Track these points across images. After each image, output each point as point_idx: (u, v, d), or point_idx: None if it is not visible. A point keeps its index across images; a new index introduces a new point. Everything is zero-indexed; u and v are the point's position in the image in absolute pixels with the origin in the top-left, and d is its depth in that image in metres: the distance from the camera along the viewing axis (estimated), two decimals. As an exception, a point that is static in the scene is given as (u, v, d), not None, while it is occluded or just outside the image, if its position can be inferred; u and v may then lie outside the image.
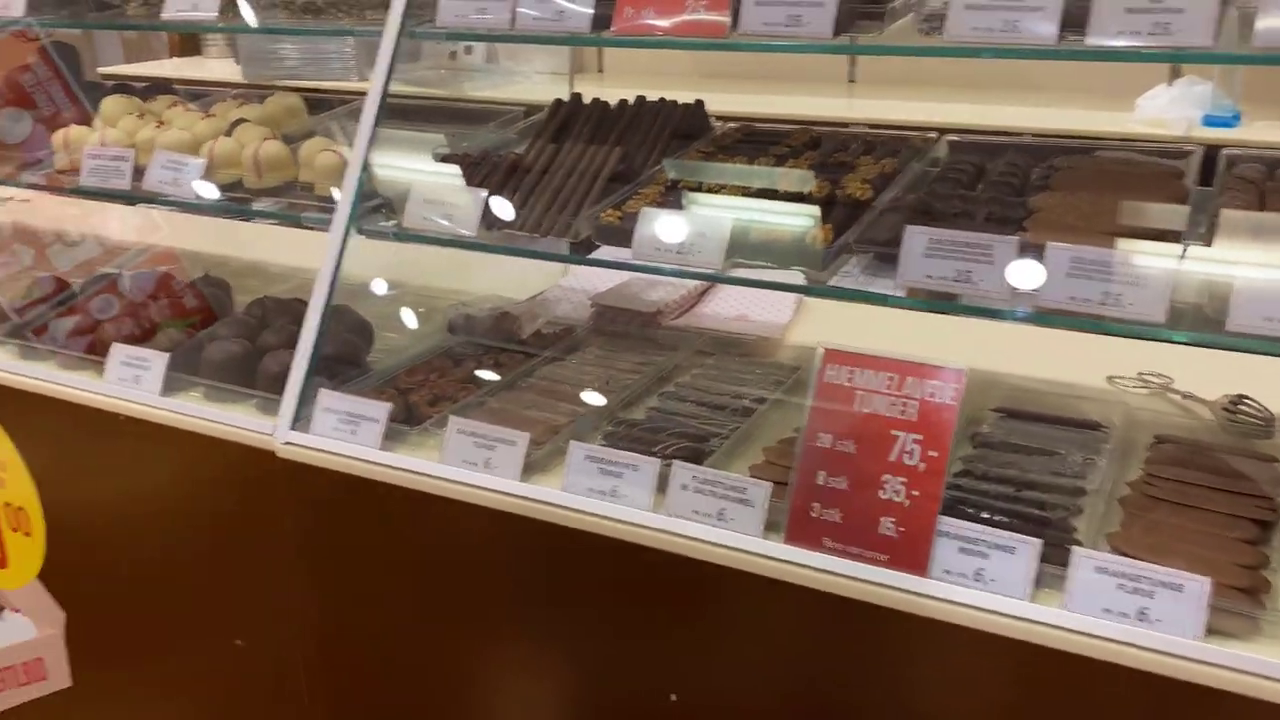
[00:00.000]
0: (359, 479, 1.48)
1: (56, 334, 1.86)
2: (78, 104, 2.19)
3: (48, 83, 2.24)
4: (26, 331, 1.89)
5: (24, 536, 1.88)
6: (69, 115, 2.15)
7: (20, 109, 2.17)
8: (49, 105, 2.21)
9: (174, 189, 1.76)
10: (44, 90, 2.24)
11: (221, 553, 1.68)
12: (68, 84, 2.24)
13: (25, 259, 2.42)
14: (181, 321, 1.88)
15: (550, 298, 2.06)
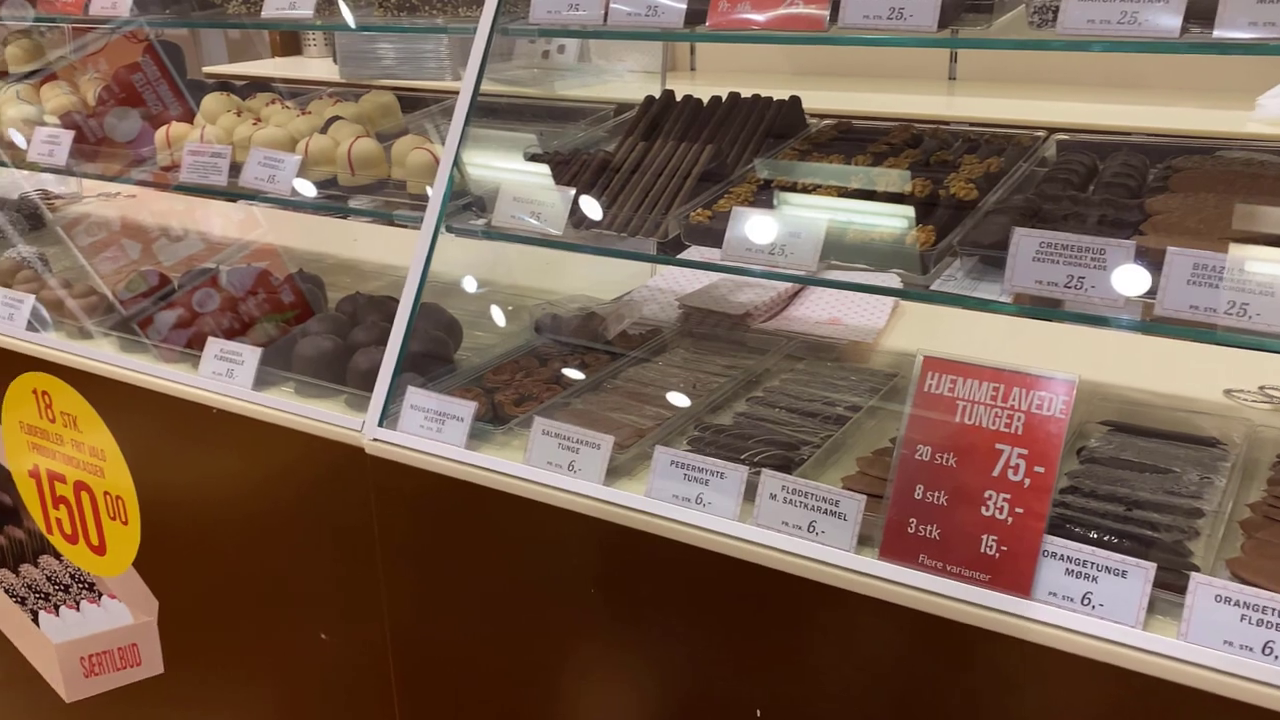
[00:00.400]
0: (443, 477, 1.47)
1: (160, 327, 1.90)
2: (183, 102, 2.24)
3: (155, 82, 2.30)
4: (132, 324, 1.94)
5: (121, 525, 1.93)
6: (175, 113, 2.20)
7: (129, 107, 2.22)
8: (156, 104, 2.27)
9: (269, 185, 1.78)
10: (152, 89, 2.29)
11: (308, 546, 1.69)
12: (174, 83, 2.29)
13: (132, 253, 2.49)
14: (279, 316, 1.91)
15: (637, 298, 2.04)
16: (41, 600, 2.14)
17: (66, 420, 1.93)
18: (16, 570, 2.16)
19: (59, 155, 2.06)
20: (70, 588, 2.08)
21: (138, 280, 2.05)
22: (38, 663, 2.21)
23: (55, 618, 2.12)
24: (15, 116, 2.22)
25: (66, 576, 2.07)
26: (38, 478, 2.04)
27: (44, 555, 2.10)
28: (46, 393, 1.94)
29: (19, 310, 1.98)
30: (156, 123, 2.13)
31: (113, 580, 2.00)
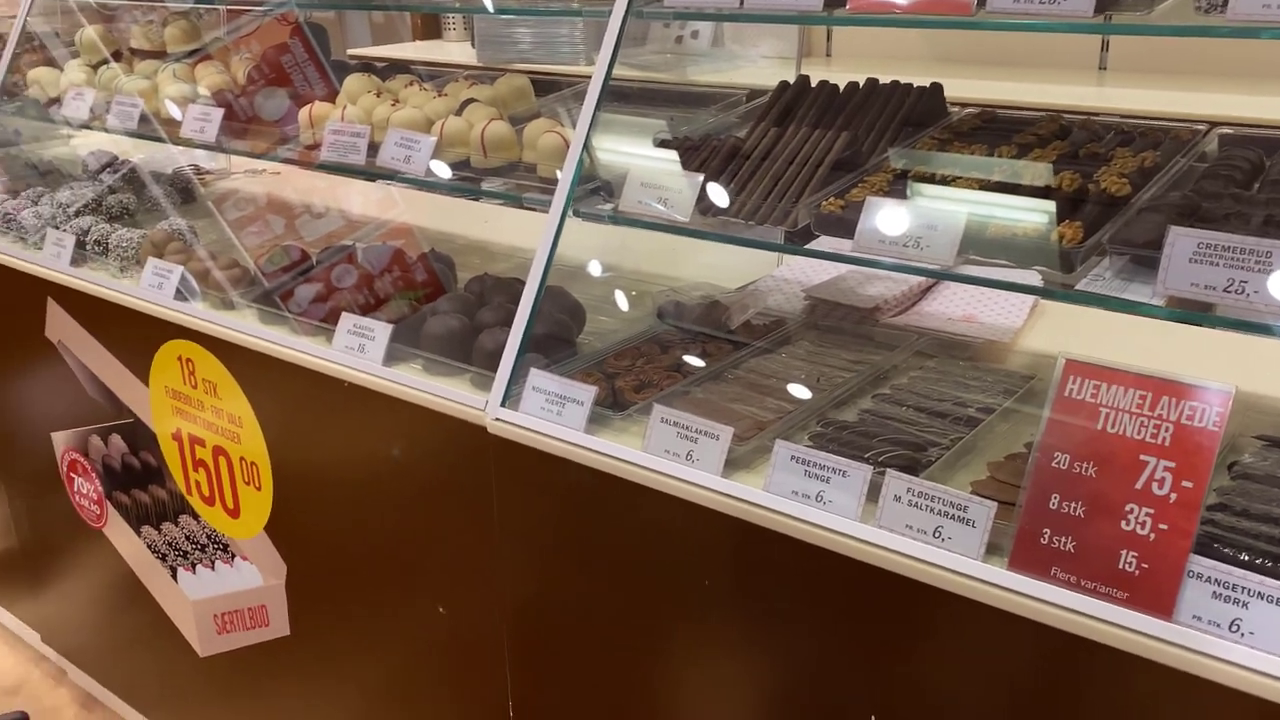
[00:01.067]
0: (562, 460, 1.48)
1: (298, 300, 1.97)
2: (327, 82, 2.31)
3: (303, 63, 2.38)
4: (272, 297, 2.01)
5: (255, 490, 2.00)
6: (319, 94, 2.27)
7: (276, 87, 2.30)
8: (303, 84, 2.34)
9: (405, 166, 1.81)
10: (300, 70, 2.37)
11: (430, 521, 1.73)
12: (320, 64, 2.36)
13: (275, 228, 2.58)
14: (410, 294, 1.95)
15: (762, 288, 2.00)
16: (180, 557, 2.25)
17: (208, 387, 2.01)
18: (159, 528, 2.27)
19: (209, 132, 2.15)
20: (206, 547, 2.17)
21: (279, 254, 2.13)
22: (175, 617, 2.33)
23: (192, 575, 2.23)
24: (172, 94, 2.32)
25: (203, 536, 2.17)
26: (180, 441, 2.13)
27: (183, 515, 2.20)
28: (190, 360, 2.03)
29: (168, 280, 2.07)
30: (302, 102, 2.20)
31: (245, 543, 2.08)
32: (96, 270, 2.24)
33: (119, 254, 2.22)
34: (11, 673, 2.89)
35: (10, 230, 2.45)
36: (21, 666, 2.92)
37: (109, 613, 2.57)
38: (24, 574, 2.83)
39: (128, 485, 2.31)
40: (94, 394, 2.31)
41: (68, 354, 2.32)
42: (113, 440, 2.32)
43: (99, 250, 2.26)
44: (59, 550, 2.64)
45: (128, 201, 2.53)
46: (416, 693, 1.88)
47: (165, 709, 2.53)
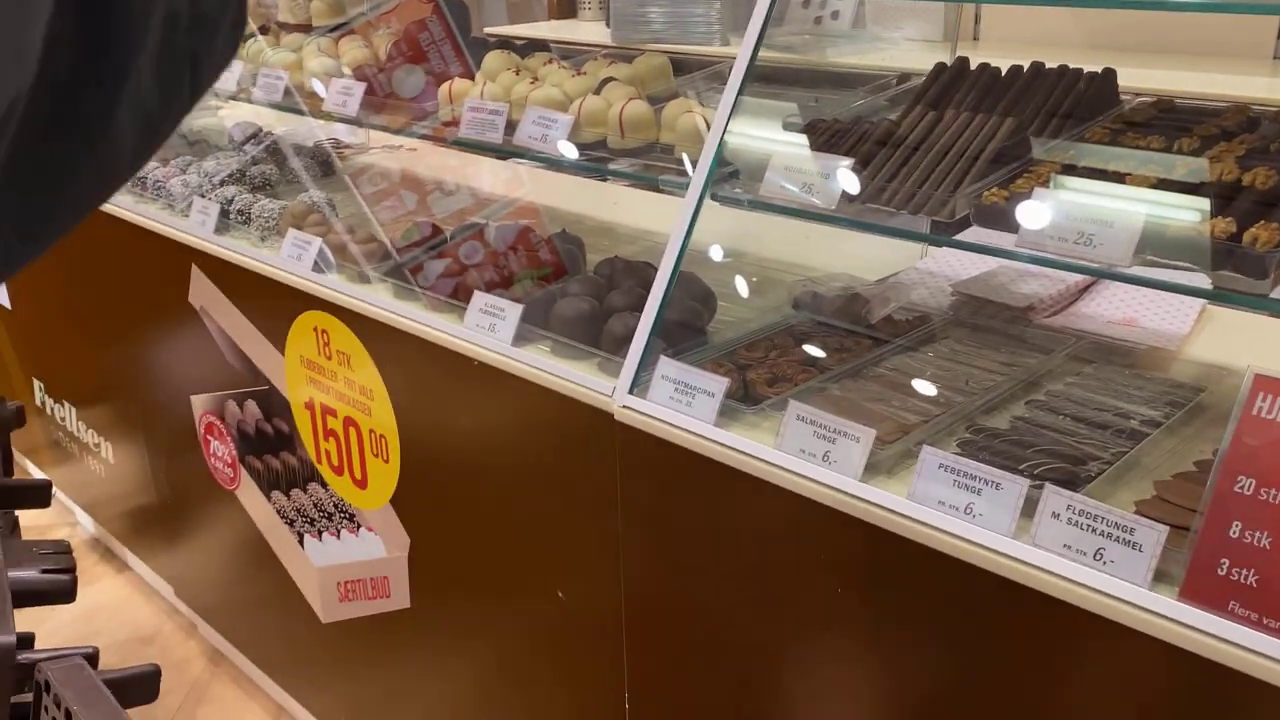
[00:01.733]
0: (690, 452, 1.43)
1: (429, 276, 1.97)
2: (463, 61, 2.30)
3: (440, 41, 2.38)
4: (404, 271, 2.01)
5: (383, 463, 2.02)
6: (456, 71, 2.26)
7: (415, 64, 2.31)
8: (439, 62, 2.34)
9: (541, 145, 1.79)
10: (436, 48, 2.37)
11: (552, 504, 1.71)
12: (457, 42, 2.36)
13: (409, 204, 2.61)
14: (536, 273, 1.93)
15: (905, 281, 1.91)
16: (307, 524, 2.29)
17: (341, 359, 2.04)
18: (288, 494, 2.32)
19: (351, 106, 2.16)
20: (333, 516, 2.21)
21: (412, 230, 2.13)
22: (300, 582, 2.38)
23: (318, 542, 2.27)
24: (315, 68, 2.35)
25: (331, 505, 2.21)
26: (312, 410, 2.17)
27: (312, 483, 2.24)
28: (325, 331, 2.06)
29: (307, 251, 2.10)
30: (439, 79, 2.20)
31: (371, 514, 2.10)
32: (238, 239, 2.29)
33: (260, 224, 2.26)
34: (147, 623, 3.02)
35: (159, 197, 2.54)
36: (156, 618, 3.04)
37: (238, 572, 2.65)
38: (161, 529, 2.94)
39: (260, 450, 2.37)
40: (232, 360, 2.37)
41: (209, 320, 2.38)
42: (248, 406, 2.37)
43: (241, 220, 2.31)
44: (194, 509, 2.74)
45: (270, 173, 2.58)
46: (532, 675, 1.87)
47: (287, 670, 2.60)
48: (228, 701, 2.70)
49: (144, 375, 2.73)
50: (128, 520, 3.17)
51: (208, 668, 2.83)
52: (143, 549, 3.14)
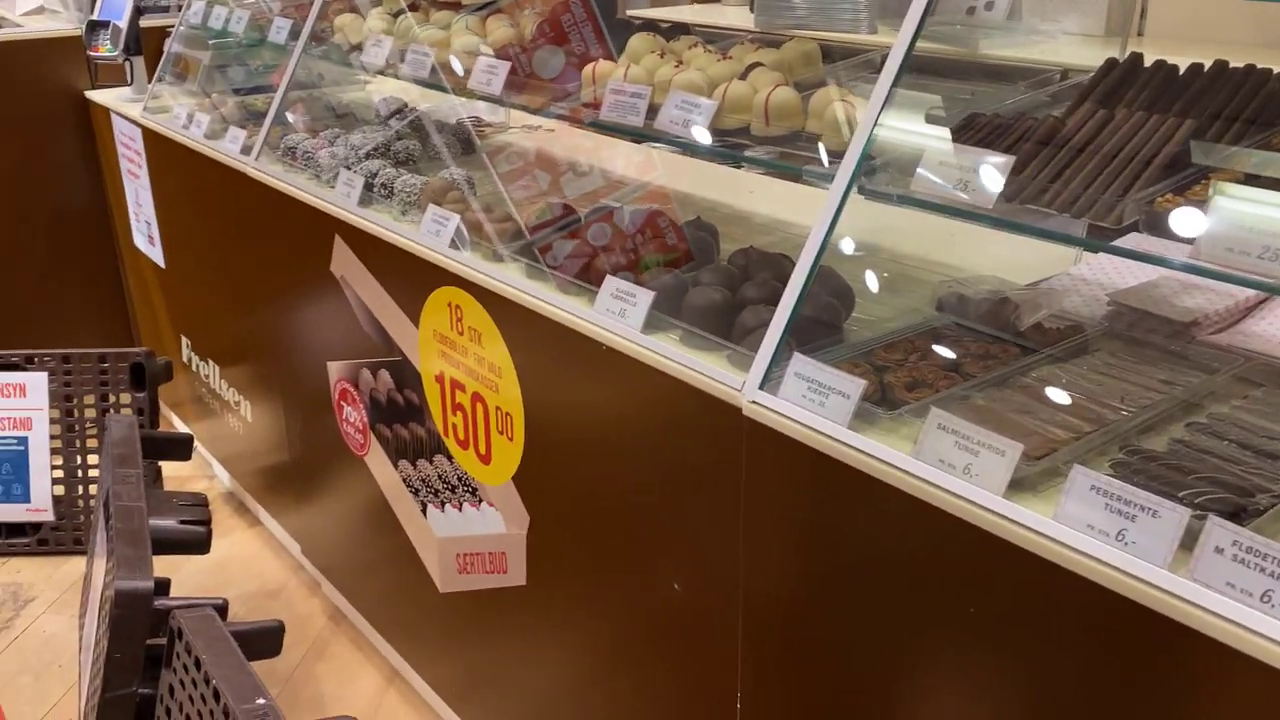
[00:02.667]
0: (820, 454, 1.39)
1: (560, 257, 1.97)
2: (604, 44, 2.29)
3: (582, 23, 2.38)
4: (534, 250, 2.02)
5: (507, 440, 2.03)
6: (597, 54, 2.25)
7: (557, 45, 2.31)
8: (580, 44, 2.34)
9: (683, 130, 1.76)
10: (578, 30, 2.37)
11: (673, 494, 1.68)
12: (599, 25, 2.35)
13: (542, 183, 2.62)
14: (663, 258, 1.91)
15: (1056, 287, 1.82)
16: (431, 495, 2.33)
17: (473, 335, 2.06)
18: (415, 464, 2.37)
19: (495, 85, 2.18)
20: (456, 489, 2.24)
21: (545, 210, 2.14)
22: (421, 550, 2.43)
23: (440, 513, 2.31)
24: (460, 46, 2.38)
25: (454, 478, 2.24)
26: (442, 383, 2.20)
27: (438, 455, 2.28)
28: (459, 307, 2.08)
29: (445, 227, 2.13)
30: (581, 61, 2.20)
31: (493, 489, 2.12)
32: (380, 212, 2.34)
33: (402, 198, 2.30)
34: (274, 577, 3.14)
35: (308, 167, 2.61)
36: (283, 573, 3.16)
37: (362, 535, 2.72)
38: (292, 487, 3.05)
39: (391, 420, 2.42)
40: (368, 329, 2.42)
41: (348, 289, 2.44)
42: (381, 375, 2.43)
43: (384, 193, 2.35)
44: (324, 470, 2.82)
45: (413, 148, 2.63)
46: (644, 663, 1.86)
47: (403, 635, 2.66)
48: (345, 660, 2.78)
49: (284, 339, 2.83)
50: (261, 477, 3.30)
51: (328, 625, 2.92)
52: (274, 505, 3.26)
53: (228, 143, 2.88)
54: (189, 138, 3.06)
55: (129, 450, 2.67)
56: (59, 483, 3.23)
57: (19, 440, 3.17)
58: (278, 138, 2.77)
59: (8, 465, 3.18)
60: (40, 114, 3.79)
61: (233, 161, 2.82)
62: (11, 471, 3.18)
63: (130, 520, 2.38)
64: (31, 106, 3.77)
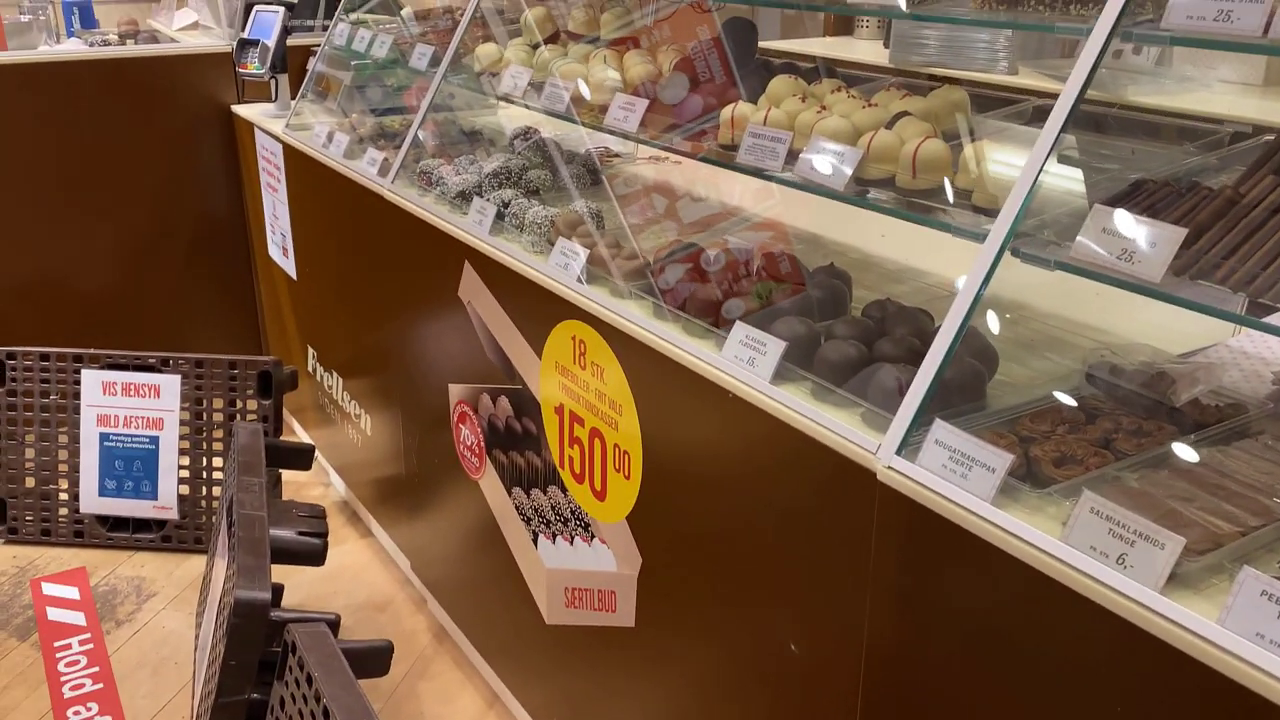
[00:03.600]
0: (960, 529, 1.33)
1: (688, 298, 1.96)
2: (730, 76, 2.27)
3: (708, 52, 2.36)
4: (658, 289, 2.00)
5: (624, 479, 2.02)
6: (719, 84, 2.23)
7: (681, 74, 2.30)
8: (705, 73, 2.32)
9: (826, 179, 1.72)
10: (704, 59, 2.35)
11: (796, 554, 1.64)
12: (725, 57, 2.33)
13: (659, 208, 2.61)
14: (771, 286, 1.88)
15: (1214, 359, 1.71)
16: (543, 525, 2.33)
17: (595, 370, 2.05)
18: (529, 492, 2.37)
19: (631, 122, 2.17)
20: (569, 522, 2.23)
21: (677, 250, 2.12)
22: (529, 578, 2.43)
23: (551, 545, 2.30)
24: (598, 81, 2.38)
25: (568, 510, 2.23)
26: (561, 416, 2.20)
27: (553, 486, 2.28)
28: (583, 341, 2.08)
29: (574, 261, 2.13)
30: (704, 92, 2.17)
31: (606, 526, 2.11)
32: (510, 241, 2.36)
33: (533, 229, 2.32)
34: (382, 591, 3.19)
35: (440, 192, 2.65)
36: (391, 586, 3.21)
37: (471, 557, 2.74)
38: (406, 502, 3.10)
39: (507, 446, 2.43)
40: (491, 355, 2.44)
41: (474, 315, 2.47)
42: (500, 401, 2.44)
43: (515, 223, 2.37)
44: (438, 489, 2.86)
45: (544, 178, 2.65)
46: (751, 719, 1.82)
47: (506, 660, 2.66)
48: (447, 680, 2.80)
49: (408, 356, 2.88)
50: (376, 489, 3.36)
51: (432, 643, 2.95)
52: (386, 519, 3.32)
53: (365, 164, 2.95)
54: (328, 156, 3.15)
55: (254, 458, 2.75)
56: (184, 482, 3.35)
57: (151, 440, 3.30)
58: (413, 160, 2.82)
59: (139, 463, 3.31)
60: (189, 125, 3.96)
61: (369, 183, 2.88)
62: (142, 469, 3.31)
63: (252, 529, 2.44)
64: (181, 118, 3.95)
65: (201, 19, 4.52)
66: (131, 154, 3.89)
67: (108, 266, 3.93)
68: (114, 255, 3.93)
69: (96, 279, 3.91)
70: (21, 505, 3.40)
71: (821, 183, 1.71)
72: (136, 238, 3.96)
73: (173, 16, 4.60)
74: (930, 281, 2.17)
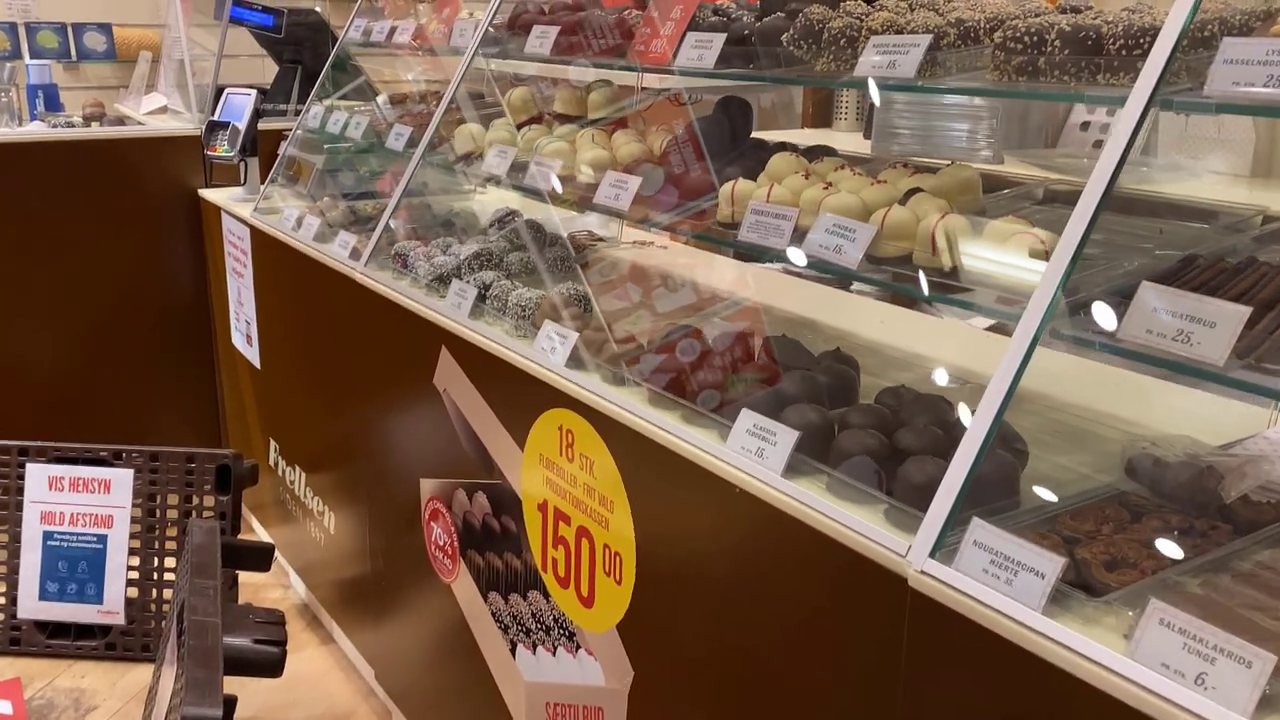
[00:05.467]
0: (1007, 642, 1.18)
1: (644, 368, 1.84)
2: (702, 163, 2.18)
3: (683, 144, 2.28)
4: (653, 373, 1.87)
5: (614, 584, 1.85)
6: (694, 176, 2.14)
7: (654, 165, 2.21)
8: (680, 164, 2.23)
9: (834, 255, 1.61)
10: (679, 150, 2.27)
11: (810, 667, 1.48)
12: (699, 147, 2.24)
13: (634, 297, 2.50)
14: (750, 378, 1.76)
15: (1255, 451, 1.59)
16: (522, 634, 2.14)
17: (584, 463, 1.90)
18: (507, 598, 2.19)
19: (623, 200, 2.07)
20: (551, 630, 2.05)
21: (672, 334, 1.99)
22: (506, 693, 2.23)
23: (531, 656, 2.11)
24: (588, 160, 2.29)
25: (550, 618, 2.05)
26: (545, 513, 2.04)
27: (533, 591, 2.10)
28: (570, 431, 1.93)
29: (561, 346, 2.00)
30: (677, 183, 2.08)
31: (593, 636, 1.93)
32: (492, 324, 2.22)
33: (516, 312, 2.19)
34: (345, 703, 2.95)
35: (418, 274, 2.52)
36: (354, 699, 2.97)
37: (441, 667, 2.54)
38: (370, 607, 2.89)
39: (484, 546, 2.26)
40: (468, 447, 2.28)
41: (450, 404, 2.32)
42: (477, 497, 2.28)
43: (497, 306, 2.24)
44: (406, 592, 2.66)
45: (525, 260, 2.53)
46: None
47: (478, 782, 2.44)
48: (413, 804, 2.56)
49: (377, 450, 2.71)
50: (339, 591, 3.14)
51: (397, 762, 2.71)
52: (350, 624, 3.10)
53: (336, 247, 2.83)
54: (297, 239, 3.02)
55: (209, 559, 2.54)
56: (133, 584, 3.11)
57: (99, 538, 3.08)
58: (387, 244, 2.70)
59: (84, 564, 3.08)
60: (153, 209, 3.83)
61: (340, 266, 2.75)
62: (87, 571, 3.08)
63: (204, 637, 2.23)
64: (146, 201, 3.82)
65: (171, 104, 4.43)
66: (93, 238, 3.74)
67: (63, 352, 3.74)
68: (71, 341, 3.75)
69: (51, 365, 3.72)
70: (-47, 609, 3.14)
71: (833, 261, 1.60)
72: (95, 323, 3.79)
73: (140, 101, 4.51)
74: (937, 368, 2.06)
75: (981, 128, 3.86)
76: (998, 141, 3.74)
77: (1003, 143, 3.75)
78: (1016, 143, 3.86)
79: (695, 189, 2.05)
